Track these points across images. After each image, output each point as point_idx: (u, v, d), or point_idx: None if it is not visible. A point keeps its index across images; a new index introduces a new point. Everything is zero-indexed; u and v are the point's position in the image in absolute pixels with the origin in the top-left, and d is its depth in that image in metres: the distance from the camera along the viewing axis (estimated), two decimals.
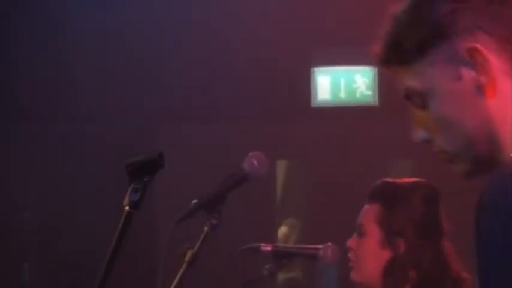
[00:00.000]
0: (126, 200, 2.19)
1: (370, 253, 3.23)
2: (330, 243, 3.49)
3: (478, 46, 1.71)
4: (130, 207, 2.18)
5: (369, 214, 3.29)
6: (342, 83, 6.52)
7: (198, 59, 6.35)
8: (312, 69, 6.54)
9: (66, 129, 6.51)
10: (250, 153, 3.23)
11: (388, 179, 3.33)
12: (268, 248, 3.42)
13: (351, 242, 3.31)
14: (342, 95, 6.53)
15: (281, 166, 6.94)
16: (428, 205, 3.16)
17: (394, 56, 1.78)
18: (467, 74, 1.72)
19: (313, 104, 6.54)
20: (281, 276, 6.31)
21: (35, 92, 6.48)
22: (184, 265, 3.08)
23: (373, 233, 3.25)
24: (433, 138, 1.79)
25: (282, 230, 6.79)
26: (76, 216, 6.34)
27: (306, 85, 6.51)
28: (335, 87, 6.53)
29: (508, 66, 1.72)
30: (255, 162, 3.20)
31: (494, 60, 1.71)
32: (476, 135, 1.73)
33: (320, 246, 3.47)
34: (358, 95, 6.50)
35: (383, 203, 3.26)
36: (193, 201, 3.14)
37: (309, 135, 6.38)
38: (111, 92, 6.38)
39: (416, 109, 1.80)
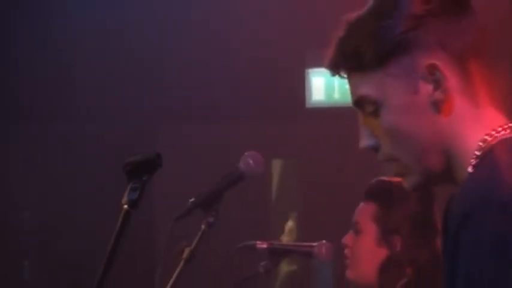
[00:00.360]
0: (124, 199, 2.19)
1: (367, 250, 3.24)
2: (324, 241, 3.50)
3: (437, 63, 1.72)
4: (128, 206, 2.18)
5: (365, 212, 3.29)
6: (336, 84, 6.53)
7: (197, 60, 6.35)
8: (306, 70, 6.55)
9: (66, 129, 6.49)
10: (246, 153, 3.24)
11: (384, 178, 3.34)
12: (264, 246, 3.43)
13: (347, 239, 3.31)
14: (336, 95, 6.54)
15: (276, 165, 6.95)
16: (424, 204, 3.17)
17: (350, 63, 1.78)
18: (424, 88, 1.73)
19: (308, 105, 6.55)
20: (282, 269, 6.31)
21: (35, 92, 6.45)
22: (182, 262, 3.09)
23: (370, 231, 3.25)
24: (380, 146, 1.79)
25: (289, 225, 6.79)
26: (76, 215, 6.33)
27: (301, 86, 6.52)
28: (329, 88, 6.54)
29: (463, 84, 1.73)
30: (251, 161, 3.21)
31: (451, 77, 1.73)
32: (428, 148, 1.74)
33: (315, 244, 3.47)
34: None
35: (379, 201, 3.26)
36: (191, 200, 3.15)
37: (303, 135, 6.39)
38: (111, 92, 6.37)
39: (366, 117, 1.80)
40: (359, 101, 1.79)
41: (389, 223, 3.22)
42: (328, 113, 6.39)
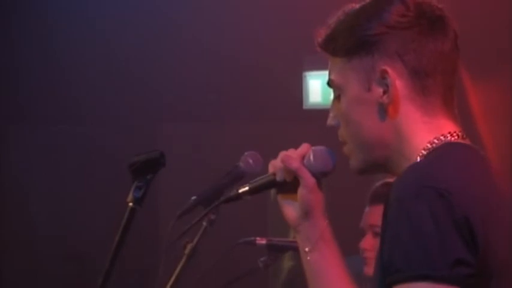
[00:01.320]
0: (129, 197, 2.21)
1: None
2: None
3: (389, 70, 1.84)
4: (133, 204, 2.20)
5: (381, 214, 3.31)
6: None
7: (198, 62, 6.34)
8: (304, 73, 6.55)
9: (67, 129, 6.42)
10: (246, 153, 3.25)
11: (388, 180, 3.37)
12: (263, 242, 3.44)
13: (366, 244, 3.35)
14: (332, 97, 6.55)
15: None
16: None
17: (329, 46, 1.94)
18: (376, 89, 1.86)
19: (305, 106, 6.56)
20: (285, 264, 6.31)
21: (37, 94, 6.38)
22: (184, 258, 3.09)
23: None
24: (339, 127, 1.96)
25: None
26: (81, 212, 6.30)
27: (298, 88, 6.53)
28: (326, 90, 6.54)
29: (414, 95, 1.83)
30: (251, 161, 3.22)
31: (400, 86, 1.84)
32: (372, 141, 1.88)
33: None
34: None
35: None
36: (193, 198, 3.16)
37: (301, 135, 6.35)
38: (111, 92, 6.34)
39: (334, 99, 1.97)
40: (329, 83, 1.96)
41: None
42: (325, 114, 6.37)
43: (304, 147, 2.11)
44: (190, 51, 6.33)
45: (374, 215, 3.38)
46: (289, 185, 2.04)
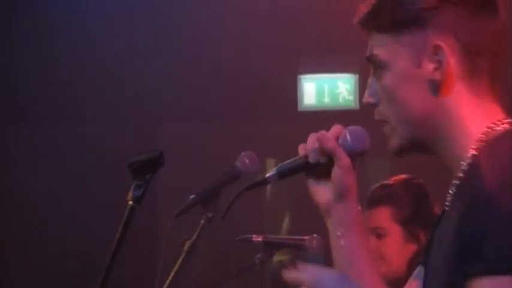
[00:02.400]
0: (129, 195, 2.19)
1: (397, 249, 3.27)
2: (315, 235, 3.49)
3: (443, 45, 1.72)
4: (133, 202, 2.18)
5: (383, 216, 3.32)
6: (326, 89, 6.53)
7: (197, 65, 6.33)
8: (298, 76, 6.55)
9: (68, 130, 6.38)
10: (243, 153, 3.24)
11: (384, 182, 3.37)
12: (259, 239, 3.42)
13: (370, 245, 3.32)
14: (326, 99, 6.54)
15: (270, 164, 6.94)
16: (425, 195, 3.23)
17: (371, 22, 1.79)
18: (427, 65, 1.74)
19: (300, 108, 6.56)
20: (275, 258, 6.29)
21: (37, 94, 6.35)
22: (183, 254, 3.08)
23: (394, 232, 3.28)
24: (379, 105, 1.79)
25: (286, 221, 6.78)
26: (81, 211, 6.27)
27: (293, 91, 6.52)
28: (320, 92, 6.54)
29: (466, 74, 1.72)
30: (247, 160, 3.21)
31: (453, 63, 1.72)
32: (418, 119, 1.75)
33: (306, 237, 3.47)
34: (340, 99, 6.51)
35: (392, 203, 3.29)
36: (191, 196, 3.14)
37: (296, 136, 6.35)
38: (111, 93, 6.32)
39: (374, 75, 1.80)
40: (370, 58, 1.80)
41: (409, 220, 3.25)
42: (319, 116, 6.40)
43: (336, 128, 1.95)
44: (190, 54, 6.32)
45: (375, 217, 3.36)
46: (321, 168, 1.91)
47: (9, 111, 6.35)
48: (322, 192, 1.94)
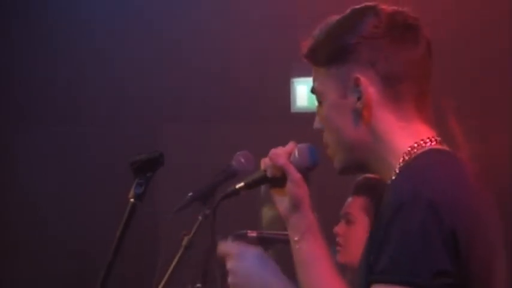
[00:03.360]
0: (131, 193, 2.21)
1: (360, 238, 3.26)
2: None
3: (361, 78, 1.82)
4: (134, 199, 2.20)
5: (356, 205, 3.33)
6: None
7: (195, 68, 6.33)
8: (292, 79, 6.56)
9: (69, 130, 6.33)
10: (238, 152, 3.26)
11: (369, 175, 3.38)
12: (254, 234, 3.43)
13: (339, 229, 3.33)
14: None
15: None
16: None
17: (310, 57, 1.93)
18: (351, 96, 1.84)
19: (293, 110, 6.57)
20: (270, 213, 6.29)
21: (39, 96, 6.29)
22: (182, 249, 3.09)
23: (362, 221, 3.28)
24: (323, 131, 1.94)
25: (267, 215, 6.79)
26: (82, 210, 6.23)
27: (286, 93, 6.53)
28: (311, 95, 6.55)
29: (387, 101, 1.81)
30: (243, 160, 3.23)
31: (373, 92, 1.82)
32: (350, 145, 1.87)
33: None
34: None
35: (368, 195, 3.30)
36: (189, 194, 3.16)
37: (289, 136, 6.37)
38: (112, 94, 6.29)
39: (318, 105, 1.95)
40: (311, 90, 1.95)
41: (376, 214, 3.24)
42: (311, 117, 6.39)
43: (290, 145, 2.07)
44: (189, 59, 6.31)
45: (349, 204, 3.38)
46: (279, 180, 2.02)
47: (10, 112, 6.30)
48: (281, 202, 2.03)
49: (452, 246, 1.63)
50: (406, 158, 1.78)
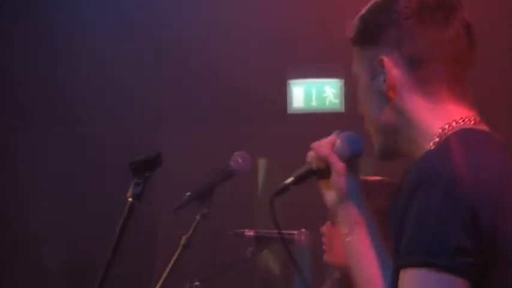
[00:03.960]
0: (129, 193, 2.19)
1: (341, 238, 3.23)
2: (303, 229, 3.49)
3: (385, 59, 1.77)
4: (133, 199, 2.18)
5: None
6: (313, 93, 6.53)
7: (194, 70, 6.32)
8: (288, 81, 6.56)
9: (71, 131, 6.31)
10: (236, 152, 3.24)
11: (362, 177, 3.34)
12: (251, 233, 3.42)
13: (324, 229, 3.30)
14: (314, 103, 6.54)
15: (262, 163, 6.94)
16: (391, 199, 3.17)
17: (350, 35, 1.85)
18: (378, 78, 1.79)
19: (289, 111, 6.56)
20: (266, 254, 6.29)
21: (39, 96, 6.27)
22: (180, 247, 3.08)
23: None
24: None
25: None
26: (83, 208, 6.22)
27: (283, 95, 6.53)
28: (307, 96, 6.55)
29: (412, 82, 1.76)
30: (240, 160, 3.21)
31: (397, 74, 1.76)
32: (381, 128, 1.80)
33: (295, 232, 3.47)
34: (327, 103, 6.51)
35: None
36: (187, 194, 3.14)
37: (285, 137, 6.39)
38: (112, 96, 6.28)
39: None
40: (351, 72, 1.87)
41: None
42: (306, 118, 6.41)
43: (333, 135, 1.94)
44: (187, 62, 6.31)
45: None
46: (325, 172, 1.93)
47: (10, 112, 6.27)
48: (328, 194, 1.96)
49: (473, 225, 1.56)
50: (437, 139, 1.71)
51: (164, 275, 3.01)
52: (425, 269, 1.55)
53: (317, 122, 6.13)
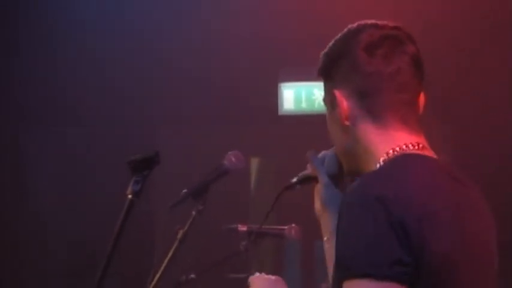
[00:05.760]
0: (128, 190, 2.19)
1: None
2: (293, 224, 3.49)
3: (337, 93, 1.86)
4: (132, 196, 2.18)
5: None
6: (303, 95, 6.54)
7: (190, 75, 6.32)
8: (279, 84, 6.56)
9: (72, 131, 6.29)
10: (230, 152, 3.24)
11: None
12: (244, 229, 3.42)
13: None
14: (303, 105, 6.55)
15: (254, 162, 6.95)
16: None
17: (318, 71, 1.94)
18: (336, 109, 1.87)
19: (280, 112, 6.56)
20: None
21: (39, 96, 6.22)
22: (176, 242, 3.07)
23: None
24: None
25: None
26: (84, 206, 6.20)
27: (274, 97, 6.53)
28: (298, 99, 6.55)
29: (362, 112, 1.84)
30: (234, 159, 3.21)
31: (349, 106, 1.85)
32: (343, 153, 1.91)
33: (285, 227, 3.47)
34: (316, 105, 6.52)
35: None
36: (183, 191, 3.14)
37: (276, 137, 6.39)
38: (113, 97, 6.26)
39: None
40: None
41: None
42: (297, 119, 6.41)
43: (332, 150, 2.05)
44: (184, 66, 6.31)
45: None
46: (317, 180, 2.05)
47: (10, 112, 6.22)
48: (316, 200, 2.04)
49: (404, 237, 1.63)
50: (382, 163, 1.79)
51: (162, 268, 3.01)
52: (367, 279, 1.62)
53: (306, 123, 6.13)
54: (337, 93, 1.84)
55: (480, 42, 5.81)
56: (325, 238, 1.97)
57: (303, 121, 6.29)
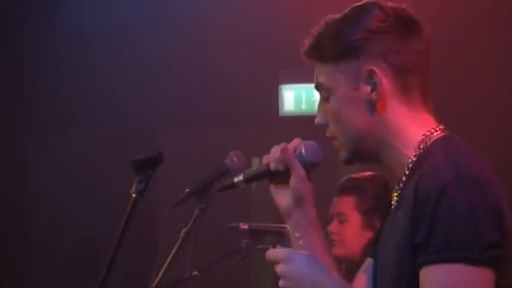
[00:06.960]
0: (133, 189, 2.20)
1: (355, 234, 3.27)
2: None
3: (376, 70, 1.76)
4: (136, 195, 2.19)
5: (346, 204, 3.32)
6: (303, 96, 6.54)
7: (191, 77, 6.32)
8: (279, 86, 6.57)
9: (73, 132, 6.28)
10: (231, 152, 3.25)
11: (352, 176, 3.38)
12: (246, 227, 3.43)
13: (333, 228, 3.34)
14: (303, 106, 6.55)
15: (255, 162, 6.94)
16: (386, 190, 3.23)
17: (315, 54, 1.84)
18: (364, 88, 1.78)
19: (281, 114, 6.57)
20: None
21: (44, 101, 6.21)
22: (179, 240, 3.08)
23: (354, 218, 3.28)
24: (329, 125, 1.84)
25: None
26: (90, 204, 6.20)
27: (274, 98, 6.53)
28: (298, 100, 6.55)
29: (399, 92, 1.76)
30: (235, 158, 3.22)
31: (386, 83, 1.76)
32: (361, 135, 1.79)
33: (286, 225, 3.46)
34: (316, 106, 6.52)
35: (356, 194, 3.30)
36: (186, 190, 3.14)
37: (277, 137, 6.38)
38: (113, 98, 6.25)
39: (321, 100, 1.86)
40: (317, 86, 1.85)
41: (368, 209, 3.25)
42: (297, 121, 6.41)
43: (295, 141, 1.94)
44: (186, 67, 6.30)
45: (340, 204, 3.37)
46: (280, 175, 1.91)
47: (10, 116, 6.22)
48: (281, 197, 1.93)
49: (498, 219, 1.59)
50: (421, 146, 1.72)
51: (165, 265, 3.01)
52: (462, 264, 1.55)
53: (306, 124, 6.12)
54: (375, 69, 1.75)
55: (480, 42, 5.81)
56: (297, 235, 1.88)
57: (303, 122, 6.28)
